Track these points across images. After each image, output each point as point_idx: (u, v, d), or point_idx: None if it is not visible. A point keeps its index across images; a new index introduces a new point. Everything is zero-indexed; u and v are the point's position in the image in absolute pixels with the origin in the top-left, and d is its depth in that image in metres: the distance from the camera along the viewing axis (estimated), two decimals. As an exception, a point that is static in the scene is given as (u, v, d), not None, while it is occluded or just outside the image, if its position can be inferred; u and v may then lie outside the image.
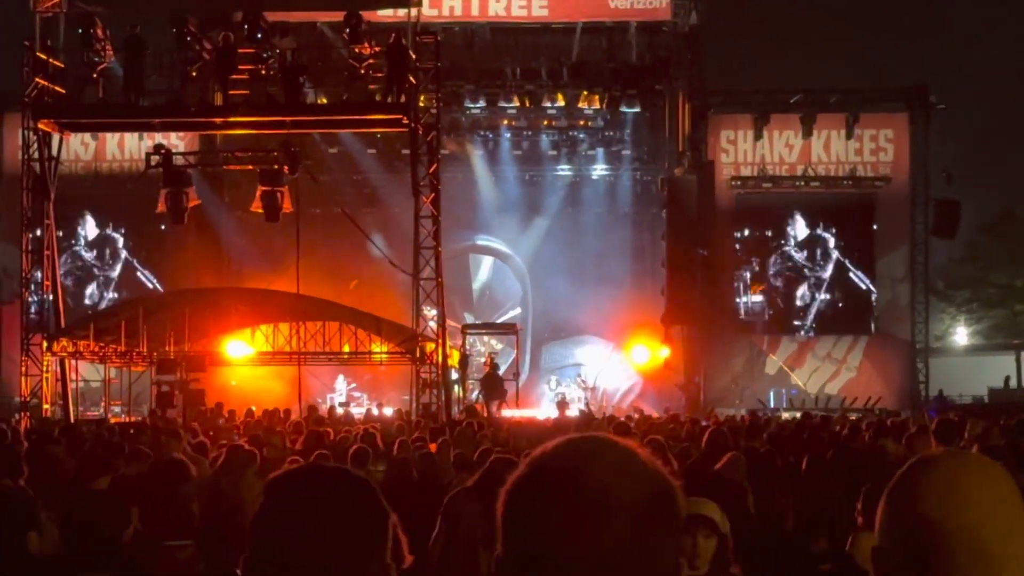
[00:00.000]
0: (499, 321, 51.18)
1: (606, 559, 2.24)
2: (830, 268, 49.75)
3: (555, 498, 2.28)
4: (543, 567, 2.26)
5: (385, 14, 38.75)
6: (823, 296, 49.81)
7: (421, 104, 36.20)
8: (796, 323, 49.98)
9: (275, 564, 2.90)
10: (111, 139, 49.58)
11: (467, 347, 44.48)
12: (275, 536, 2.91)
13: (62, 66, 35.93)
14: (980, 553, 2.47)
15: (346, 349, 38.37)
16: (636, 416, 32.36)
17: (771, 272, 50.00)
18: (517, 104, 49.01)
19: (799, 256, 49.83)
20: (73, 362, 37.64)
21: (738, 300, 49.98)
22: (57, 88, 35.70)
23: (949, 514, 2.49)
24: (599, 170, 52.78)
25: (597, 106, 49.83)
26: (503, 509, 2.36)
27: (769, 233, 50.08)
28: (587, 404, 42.89)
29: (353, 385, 46.97)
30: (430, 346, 35.70)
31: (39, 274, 37.21)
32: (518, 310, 52.97)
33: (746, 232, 50.16)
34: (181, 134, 45.08)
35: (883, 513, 2.62)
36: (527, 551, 2.29)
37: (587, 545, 2.24)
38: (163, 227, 43.77)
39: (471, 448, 16.03)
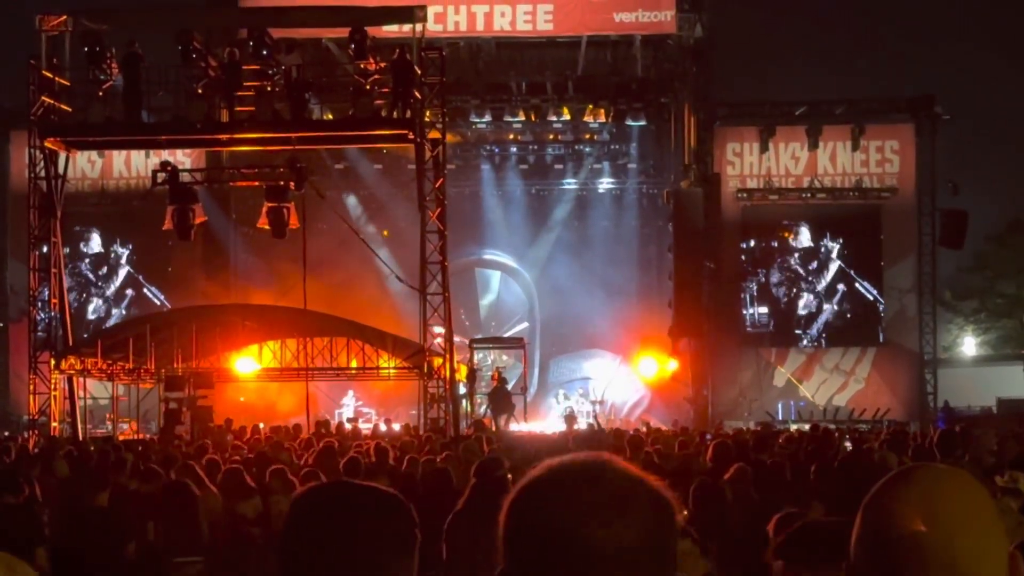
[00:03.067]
0: (506, 335, 51.23)
1: (622, 559, 2.25)
2: (836, 279, 49.72)
3: (573, 498, 2.28)
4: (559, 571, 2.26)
5: (390, 30, 38.83)
6: (830, 307, 49.78)
7: (427, 119, 36.20)
8: (803, 334, 49.94)
9: None
10: (118, 156, 49.66)
11: (475, 362, 44.46)
12: (304, 552, 2.92)
13: (68, 84, 35.98)
14: (952, 568, 2.45)
15: (353, 364, 38.36)
16: (644, 429, 32.33)
17: (777, 284, 49.98)
18: (523, 118, 49.09)
19: (805, 268, 49.80)
20: (81, 380, 37.66)
21: (745, 312, 49.99)
22: (63, 106, 35.76)
23: (921, 528, 2.46)
24: (605, 183, 52.83)
25: (603, 120, 49.94)
26: (510, 522, 2.35)
27: (775, 245, 50.07)
28: (595, 418, 42.87)
29: (360, 402, 46.97)
30: (437, 361, 35.69)
31: (46, 292, 37.22)
32: (525, 324, 52.96)
33: (752, 244, 50.16)
34: (187, 151, 45.18)
35: (857, 528, 2.60)
36: (544, 558, 2.28)
37: (605, 543, 2.25)
38: (170, 244, 43.77)
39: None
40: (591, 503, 2.27)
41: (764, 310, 50.09)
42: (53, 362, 35.88)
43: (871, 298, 49.75)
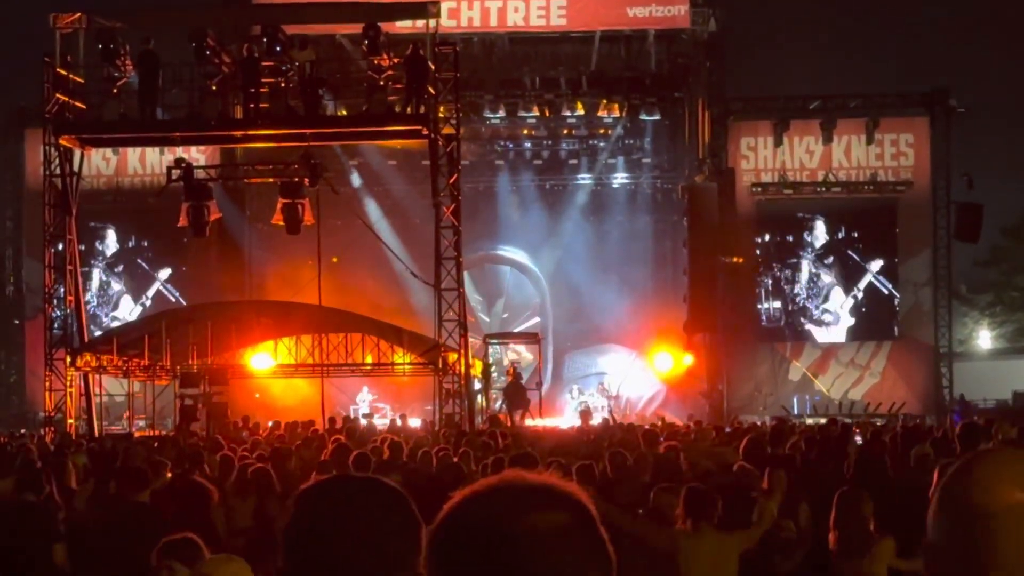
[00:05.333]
0: (516, 331, 51.34)
1: (552, 547, 2.26)
2: (852, 273, 49.66)
3: (492, 504, 2.32)
4: None
5: (404, 25, 38.81)
6: (846, 301, 49.70)
7: (441, 115, 36.18)
8: (818, 329, 49.86)
9: (305, 574, 2.91)
10: (132, 154, 49.75)
11: (489, 357, 44.54)
12: (308, 546, 2.92)
13: (82, 82, 36.06)
14: None
15: (368, 360, 38.35)
16: (659, 424, 32.31)
17: (793, 278, 49.91)
18: (537, 114, 49.04)
19: (821, 262, 49.73)
20: (97, 377, 37.72)
21: (760, 307, 49.92)
22: (78, 104, 35.84)
23: (996, 498, 2.49)
24: (619, 178, 52.75)
25: (617, 114, 49.88)
26: (429, 560, 2.39)
27: (790, 239, 50.00)
28: (611, 413, 42.85)
29: (375, 398, 46.93)
30: (452, 356, 35.68)
31: (62, 289, 37.31)
32: (536, 319, 52.95)
33: (767, 238, 50.09)
34: (202, 148, 45.22)
35: (935, 508, 2.62)
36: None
37: (532, 532, 2.27)
38: (185, 240, 43.84)
39: (485, 456, 16.08)
40: (514, 498, 2.31)
41: (779, 304, 50.03)
42: (69, 359, 35.97)
43: (886, 292, 49.66)
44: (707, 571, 10.26)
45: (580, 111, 49.63)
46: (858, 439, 22.87)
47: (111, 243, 50.96)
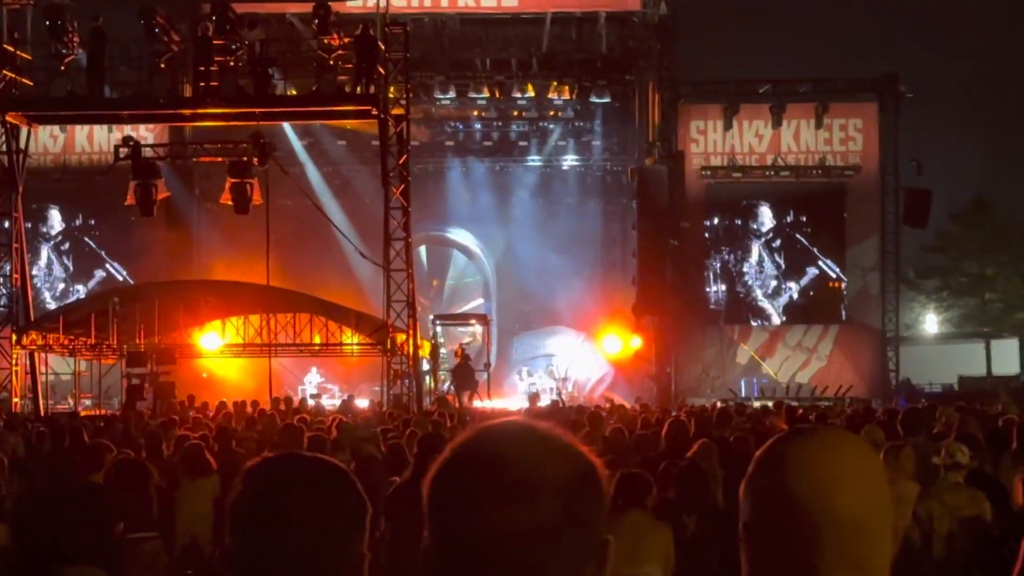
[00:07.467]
0: (463, 312, 51.54)
1: (535, 537, 2.24)
2: (800, 257, 49.87)
3: (480, 479, 2.27)
4: (473, 551, 2.26)
5: (354, 5, 38.65)
6: (793, 285, 49.91)
7: (391, 95, 36.09)
8: (766, 312, 50.06)
9: (252, 552, 2.90)
10: (80, 131, 49.42)
11: (435, 338, 44.60)
12: (253, 523, 2.91)
13: (30, 58, 35.79)
14: (846, 524, 2.48)
15: (317, 340, 38.30)
16: (607, 406, 32.35)
17: (741, 261, 50.08)
18: (487, 95, 49.01)
19: (769, 246, 49.91)
20: (43, 355, 37.50)
21: (708, 290, 50.06)
22: (25, 80, 35.56)
23: (811, 492, 2.49)
24: (569, 161, 52.77)
25: (567, 97, 49.90)
26: (428, 497, 2.35)
27: (739, 223, 50.15)
28: (559, 394, 42.89)
29: (324, 378, 46.84)
30: (401, 337, 35.65)
31: (7, 267, 37.04)
32: (481, 301, 53.01)
33: (716, 222, 50.23)
34: (150, 126, 44.99)
35: (748, 490, 2.61)
36: (456, 536, 2.28)
37: (514, 523, 2.23)
38: (133, 219, 43.51)
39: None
40: (489, 492, 2.26)
41: (727, 288, 50.17)
42: (15, 337, 35.77)
43: (834, 276, 49.89)
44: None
45: (530, 93, 49.62)
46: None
47: (56, 222, 50.63)
